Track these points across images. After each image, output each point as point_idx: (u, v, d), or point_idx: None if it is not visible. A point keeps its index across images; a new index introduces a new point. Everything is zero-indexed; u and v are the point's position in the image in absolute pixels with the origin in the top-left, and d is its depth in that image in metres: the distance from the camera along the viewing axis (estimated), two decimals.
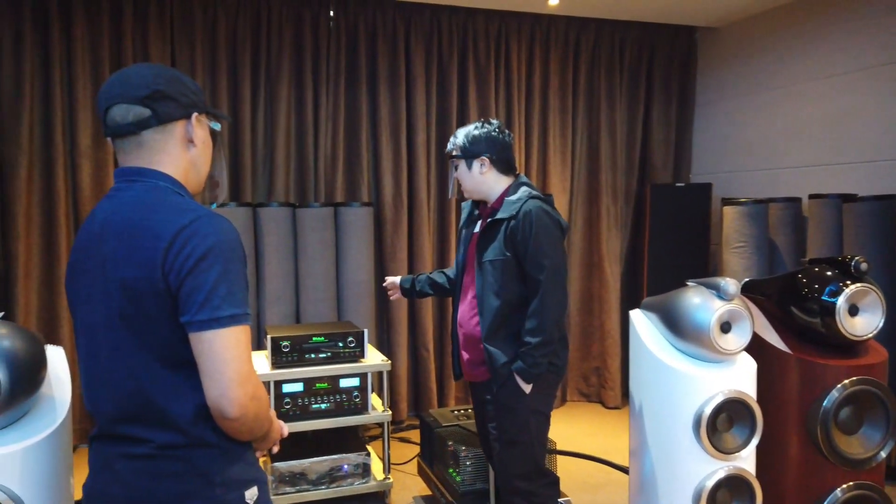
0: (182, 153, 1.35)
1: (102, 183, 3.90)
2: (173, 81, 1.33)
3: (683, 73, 5.11)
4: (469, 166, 2.39)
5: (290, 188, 4.33)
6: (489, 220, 2.37)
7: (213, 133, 1.47)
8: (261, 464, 2.48)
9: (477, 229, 2.47)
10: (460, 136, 2.41)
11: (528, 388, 2.28)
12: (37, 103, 3.81)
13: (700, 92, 5.11)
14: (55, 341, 3.82)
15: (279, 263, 4.04)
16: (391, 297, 2.85)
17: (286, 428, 1.54)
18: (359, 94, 4.40)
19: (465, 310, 2.43)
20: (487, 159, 2.37)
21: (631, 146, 5.04)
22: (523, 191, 2.37)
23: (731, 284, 2.07)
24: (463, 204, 2.63)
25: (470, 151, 2.38)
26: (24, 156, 3.75)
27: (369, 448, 3.51)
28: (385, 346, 4.54)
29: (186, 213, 1.24)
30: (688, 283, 2.26)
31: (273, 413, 1.47)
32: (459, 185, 2.46)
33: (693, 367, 2.16)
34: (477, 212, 2.55)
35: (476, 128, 2.40)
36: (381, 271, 4.50)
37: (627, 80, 5.00)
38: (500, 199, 2.39)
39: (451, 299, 3.03)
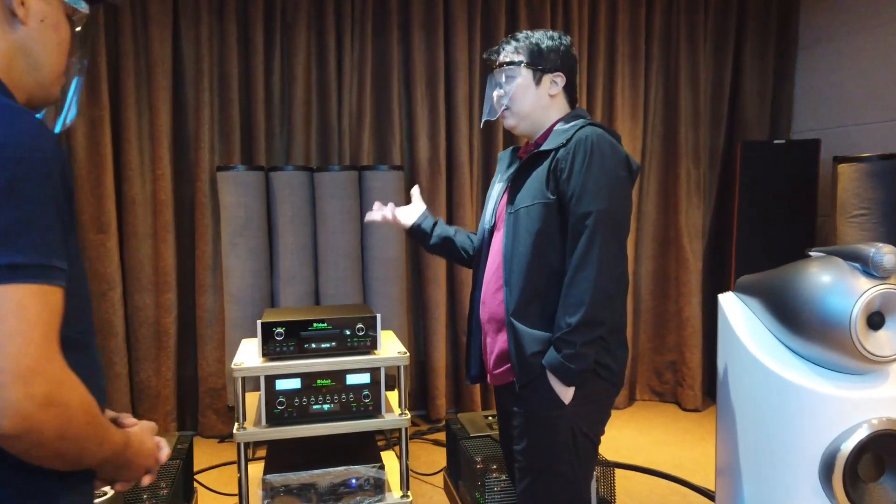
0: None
1: (98, 144, 3.45)
2: None
3: (783, 9, 4.21)
4: (537, 80, 1.73)
5: (312, 151, 3.76)
6: (530, 154, 1.71)
7: (72, 20, 0.98)
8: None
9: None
10: (525, 40, 1.75)
11: (567, 395, 1.62)
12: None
13: (804, 31, 4.20)
14: None
15: (295, 236, 3.50)
16: (369, 217, 2.07)
17: (166, 447, 1.06)
18: (389, 42, 3.77)
19: (490, 281, 1.78)
20: (563, 77, 1.74)
21: (717, 98, 4.21)
22: (580, 120, 1.72)
23: (887, 254, 1.32)
24: (500, 154, 1.97)
25: (542, 62, 1.73)
26: None
27: (391, 454, 2.93)
28: (420, 335, 3.94)
29: None
30: (810, 254, 1.52)
31: (132, 423, 1.03)
32: (499, 106, 1.79)
33: (821, 380, 1.43)
34: (518, 161, 1.89)
35: (548, 37, 1.75)
36: (413, 247, 3.89)
37: (713, 18, 4.16)
38: (547, 133, 1.75)
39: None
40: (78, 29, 1.02)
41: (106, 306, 3.49)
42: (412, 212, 2.04)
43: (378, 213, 2.07)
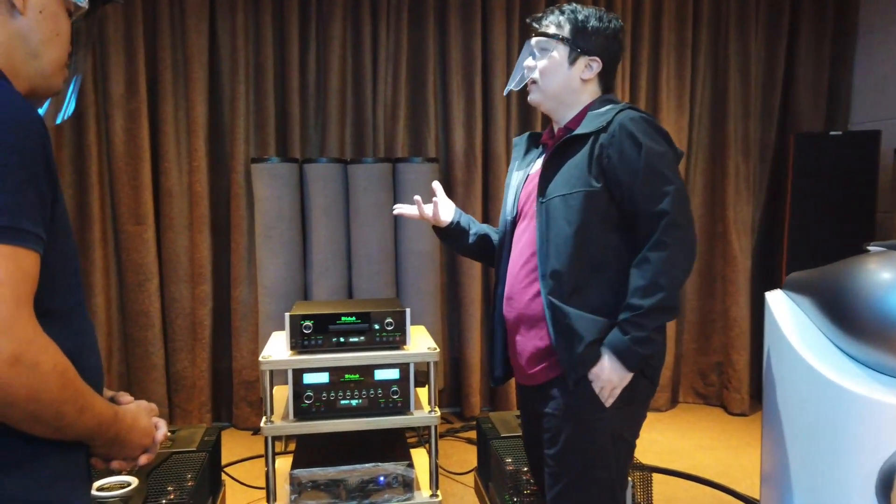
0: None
1: (136, 136, 3.48)
2: None
3: None
4: (571, 60, 1.63)
5: (346, 142, 3.72)
6: (562, 139, 1.61)
7: (70, 12, 1.01)
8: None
9: (537, 167, 1.71)
10: (572, 14, 1.65)
11: (623, 381, 1.51)
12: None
13: (864, 14, 3.96)
14: (88, 308, 3.46)
15: (328, 229, 3.46)
16: (399, 209, 1.93)
17: (164, 427, 1.06)
18: (425, 31, 3.71)
19: (519, 276, 1.67)
20: (600, 63, 1.64)
21: (769, 87, 4.02)
22: (615, 104, 1.62)
23: None
24: (515, 140, 1.87)
25: (582, 43, 1.63)
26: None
27: (422, 451, 2.87)
28: (455, 331, 3.87)
29: None
30: (868, 248, 1.39)
31: (128, 401, 1.03)
32: (529, 79, 1.69)
33: (879, 387, 1.30)
34: (537, 148, 1.80)
35: (597, 17, 1.64)
36: None
37: (766, 3, 3.97)
38: (579, 118, 1.64)
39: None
40: (77, 24, 1.05)
41: (143, 297, 3.52)
42: (447, 209, 1.91)
43: (412, 207, 1.91)
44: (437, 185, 1.93)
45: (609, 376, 1.52)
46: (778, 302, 1.62)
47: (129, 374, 3.59)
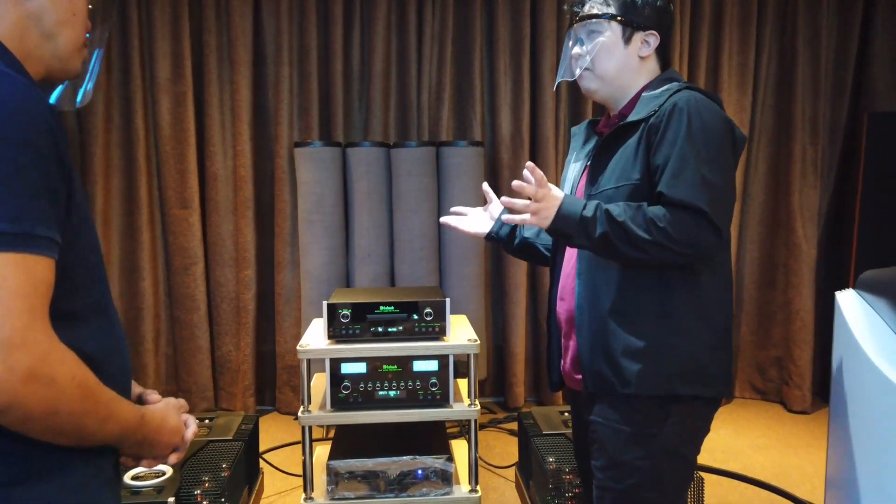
0: (10, 1, 0.87)
1: (182, 121, 3.48)
2: None
3: None
4: (626, 38, 1.48)
5: (390, 126, 3.65)
6: (615, 127, 1.48)
7: None
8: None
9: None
10: None
11: (543, 211, 1.34)
12: (113, 30, 3.44)
13: None
14: (136, 291, 3.51)
15: (370, 214, 3.40)
16: (447, 221, 1.82)
17: (193, 425, 1.03)
18: (472, 9, 3.58)
19: (570, 275, 1.56)
20: (657, 37, 1.50)
21: (841, 64, 3.74)
22: (672, 84, 1.47)
23: None
24: (574, 129, 1.74)
25: (635, 17, 1.48)
26: (100, 91, 3.41)
27: (463, 443, 2.80)
28: (498, 318, 3.77)
29: None
30: None
31: (156, 400, 1.00)
32: (578, 66, 1.53)
33: None
34: (596, 137, 1.66)
35: None
36: None
37: None
38: (634, 101, 1.50)
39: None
40: (95, 2, 1.01)
41: (189, 281, 3.55)
42: (490, 214, 1.80)
43: (454, 219, 1.83)
44: (486, 188, 1.81)
45: (547, 198, 1.33)
46: (849, 302, 1.46)
47: (176, 356, 3.63)
